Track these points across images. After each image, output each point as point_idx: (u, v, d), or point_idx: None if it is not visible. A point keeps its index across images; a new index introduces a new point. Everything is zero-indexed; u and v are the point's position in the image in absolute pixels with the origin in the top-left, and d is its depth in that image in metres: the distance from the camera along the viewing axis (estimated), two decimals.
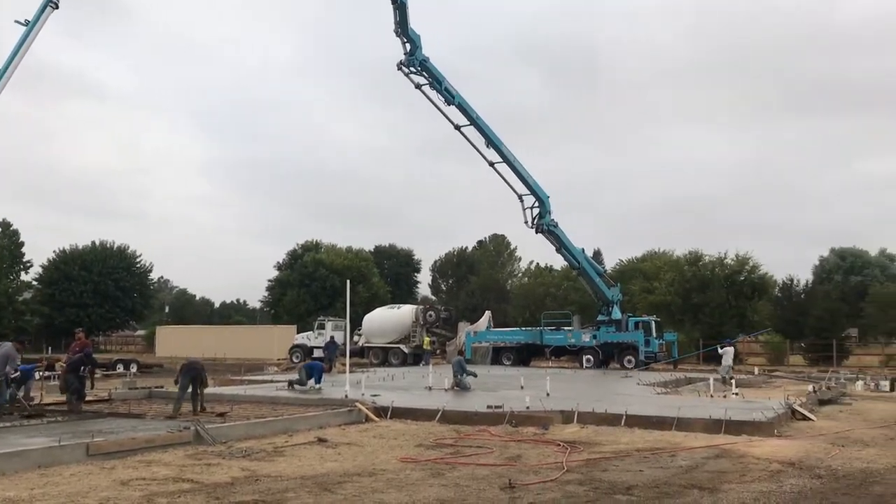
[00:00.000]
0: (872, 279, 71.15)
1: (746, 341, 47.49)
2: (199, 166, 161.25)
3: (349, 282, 23.19)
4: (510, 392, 20.52)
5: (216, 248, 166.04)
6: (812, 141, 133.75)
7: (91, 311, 71.03)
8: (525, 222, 39.19)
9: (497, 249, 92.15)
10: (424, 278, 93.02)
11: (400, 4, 35.38)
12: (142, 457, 10.92)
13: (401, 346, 43.12)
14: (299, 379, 21.16)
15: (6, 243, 72.57)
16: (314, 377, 20.89)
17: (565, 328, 40.34)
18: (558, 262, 57.26)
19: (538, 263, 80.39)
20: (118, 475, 9.57)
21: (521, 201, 39.02)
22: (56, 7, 31.61)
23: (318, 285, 69.25)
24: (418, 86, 37.22)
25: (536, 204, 38.86)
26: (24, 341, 18.50)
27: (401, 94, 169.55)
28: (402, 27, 35.90)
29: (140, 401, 19.10)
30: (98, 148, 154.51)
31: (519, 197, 38.99)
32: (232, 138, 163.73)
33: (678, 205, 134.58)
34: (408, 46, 36.39)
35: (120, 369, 34.79)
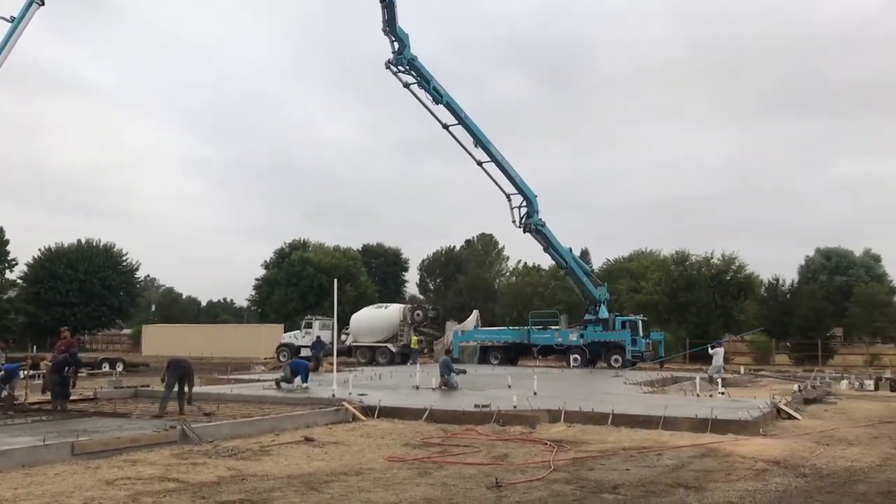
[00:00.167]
0: (857, 279, 71.83)
1: (735, 340, 47.75)
2: (186, 164, 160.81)
3: (337, 281, 23.08)
4: (497, 391, 20.56)
5: (203, 247, 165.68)
6: (798, 141, 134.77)
7: (77, 310, 70.60)
8: (513, 221, 39.25)
9: (485, 249, 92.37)
10: (412, 277, 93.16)
11: (388, 3, 35.24)
12: (127, 456, 10.85)
13: (388, 346, 42.98)
14: (284, 376, 21.13)
15: None
16: (300, 375, 20.85)
17: (553, 327, 40.39)
18: (546, 262, 57.50)
19: (526, 263, 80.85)
20: (103, 475, 9.51)
21: (509, 200, 39.04)
22: (42, 3, 31.38)
23: (306, 284, 69.03)
24: (406, 85, 37.15)
25: (524, 203, 38.91)
26: (9, 340, 18.40)
27: (388, 93, 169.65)
28: (391, 26, 35.80)
29: (126, 400, 18.97)
30: (84, 145, 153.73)
31: (507, 196, 39.01)
32: (219, 136, 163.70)
33: (665, 205, 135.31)
34: (396, 45, 36.29)
35: (106, 368, 34.55)
